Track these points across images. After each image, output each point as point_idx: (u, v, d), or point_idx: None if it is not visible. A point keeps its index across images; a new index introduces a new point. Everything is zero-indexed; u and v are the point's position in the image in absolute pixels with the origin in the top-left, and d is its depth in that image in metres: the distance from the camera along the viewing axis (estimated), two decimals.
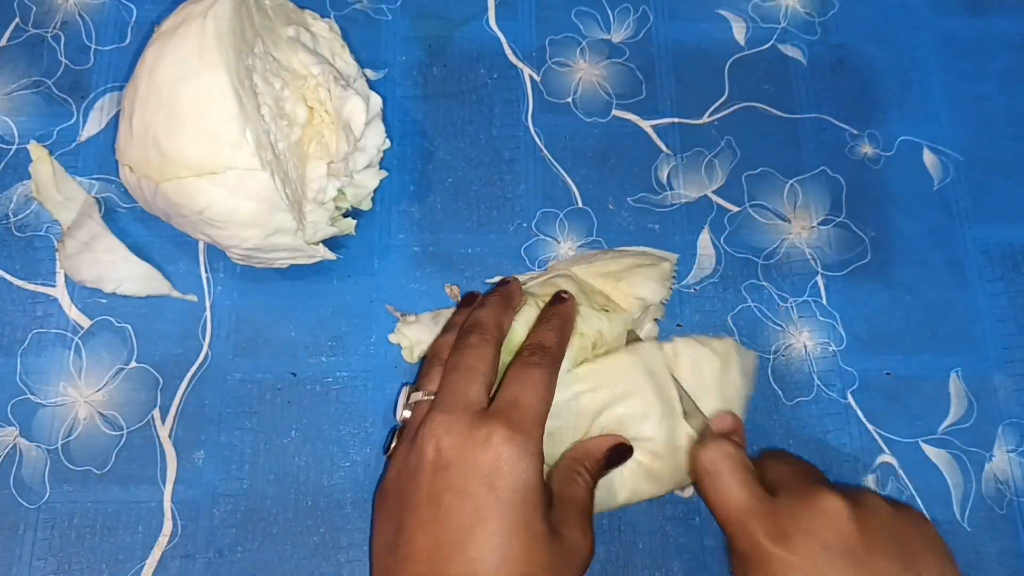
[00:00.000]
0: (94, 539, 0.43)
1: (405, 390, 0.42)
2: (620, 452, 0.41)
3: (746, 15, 0.55)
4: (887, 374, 0.47)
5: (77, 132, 0.50)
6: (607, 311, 0.44)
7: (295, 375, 0.46)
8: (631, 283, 0.45)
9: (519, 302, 0.43)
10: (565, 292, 0.43)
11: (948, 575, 0.36)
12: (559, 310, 0.42)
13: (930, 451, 0.46)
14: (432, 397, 0.39)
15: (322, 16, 0.50)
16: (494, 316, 0.41)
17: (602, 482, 0.41)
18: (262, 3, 0.45)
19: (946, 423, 0.46)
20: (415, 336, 0.46)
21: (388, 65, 0.53)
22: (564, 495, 0.39)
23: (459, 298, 0.47)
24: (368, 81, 0.50)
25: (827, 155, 0.51)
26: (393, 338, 0.46)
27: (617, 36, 0.54)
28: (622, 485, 0.41)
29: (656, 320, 0.47)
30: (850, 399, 0.47)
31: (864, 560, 0.35)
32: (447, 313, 0.46)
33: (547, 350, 0.40)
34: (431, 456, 0.36)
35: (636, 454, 0.41)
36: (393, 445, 0.41)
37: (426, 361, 0.43)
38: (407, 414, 0.40)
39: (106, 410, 0.45)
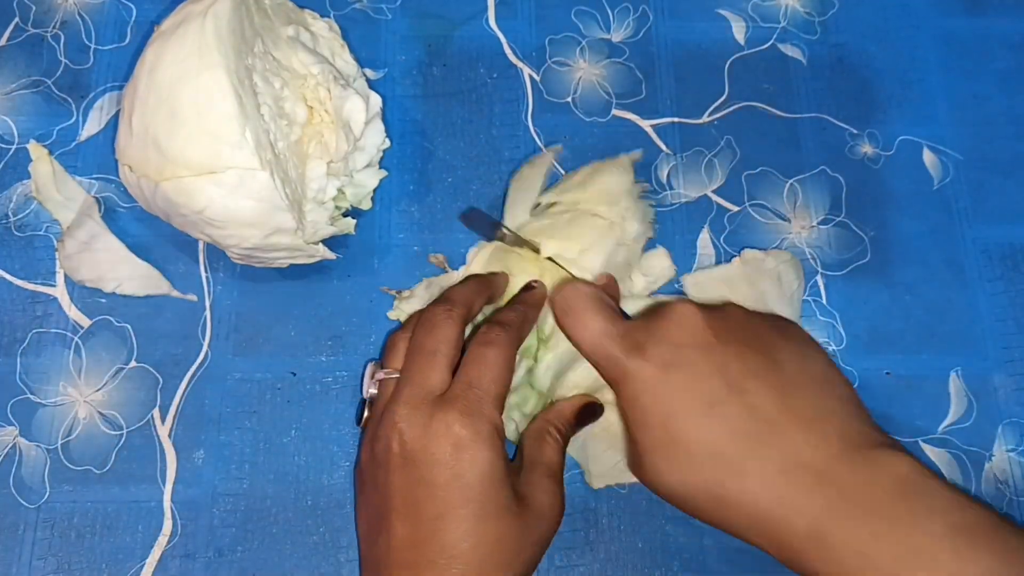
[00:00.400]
0: (94, 539, 0.43)
1: (370, 366, 0.42)
2: (591, 410, 0.43)
3: (746, 15, 0.55)
4: (887, 374, 0.47)
5: (77, 132, 0.50)
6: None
7: (295, 375, 0.46)
8: (596, 184, 0.47)
9: (499, 295, 0.44)
10: (536, 281, 0.44)
11: (809, 356, 0.37)
12: (526, 296, 0.43)
13: (930, 451, 0.46)
14: (397, 375, 0.40)
15: (322, 15, 0.50)
16: (466, 294, 0.42)
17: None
18: (262, 3, 0.45)
19: (946, 423, 0.46)
20: (412, 310, 0.46)
21: (388, 65, 0.53)
22: (535, 458, 0.40)
23: (445, 266, 0.48)
24: (368, 80, 0.50)
25: (827, 155, 0.51)
26: (392, 314, 0.47)
27: (617, 36, 0.54)
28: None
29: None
30: None
31: (717, 348, 0.37)
32: (439, 281, 0.47)
33: (506, 327, 0.40)
34: (396, 449, 0.37)
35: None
36: (365, 416, 0.42)
37: (392, 335, 0.43)
38: (374, 391, 0.41)
39: (106, 410, 0.45)
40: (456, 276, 0.47)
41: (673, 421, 0.36)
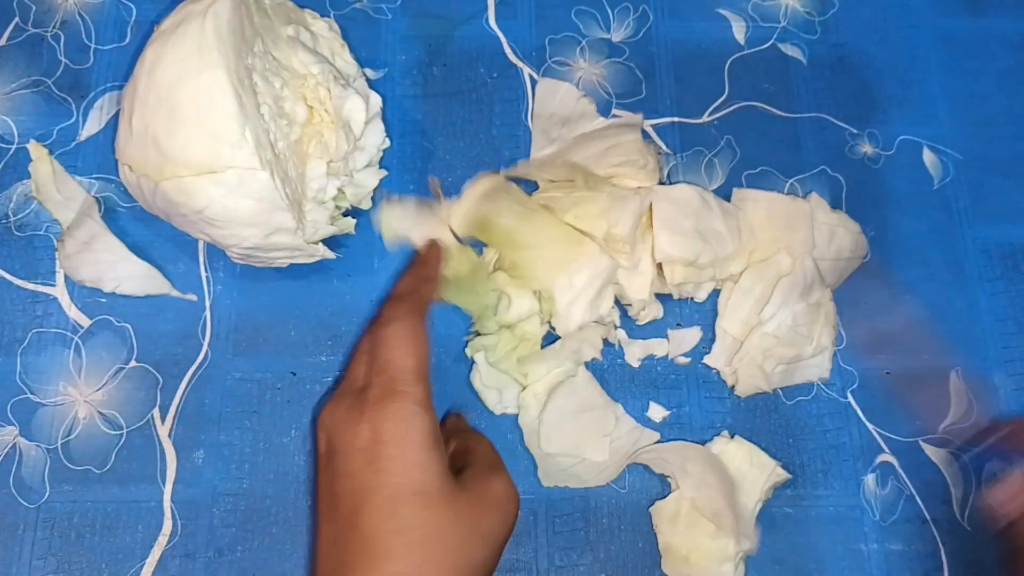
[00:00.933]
0: (94, 539, 0.43)
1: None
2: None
3: (746, 14, 0.55)
4: (887, 373, 0.47)
5: (77, 131, 0.50)
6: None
7: (295, 374, 0.46)
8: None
9: (437, 267, 0.43)
10: (430, 240, 0.44)
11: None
12: (420, 256, 0.43)
13: (930, 450, 0.46)
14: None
15: (322, 15, 0.50)
16: (409, 284, 0.41)
17: None
18: (262, 2, 0.45)
19: (946, 423, 0.46)
20: (393, 219, 0.47)
21: (388, 64, 0.53)
22: (462, 459, 0.38)
23: (439, 191, 0.48)
24: (368, 80, 0.50)
25: (827, 154, 0.51)
26: (375, 218, 0.48)
27: (617, 35, 0.54)
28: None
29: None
30: (850, 398, 0.47)
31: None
32: (430, 204, 0.48)
33: (402, 298, 0.39)
34: (323, 448, 0.36)
35: None
36: None
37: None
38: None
39: (106, 409, 0.45)
40: (447, 204, 0.48)
41: None
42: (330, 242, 0.46)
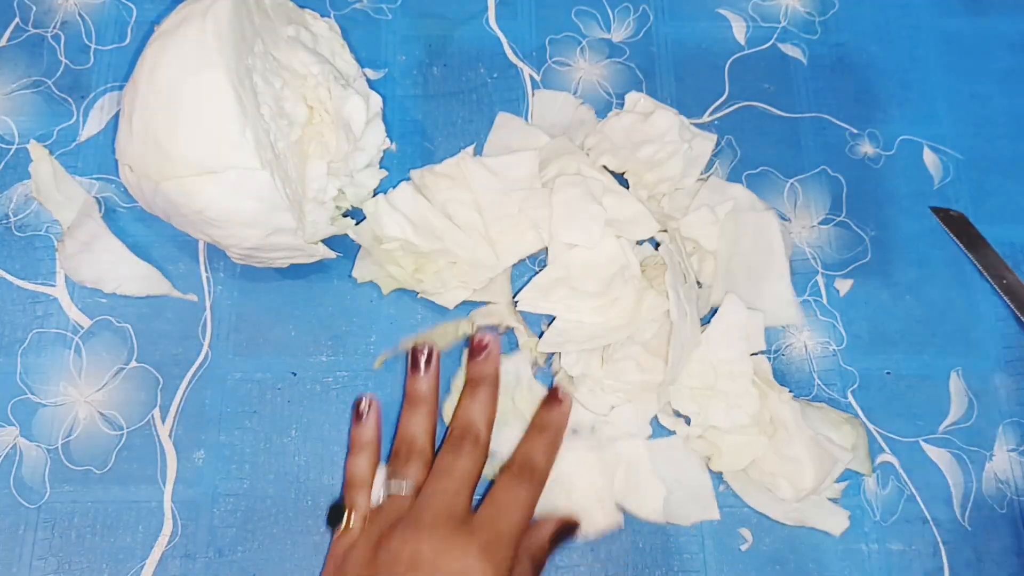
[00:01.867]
0: (94, 539, 0.43)
1: (382, 470, 0.42)
2: (568, 531, 0.43)
3: (746, 14, 0.55)
4: (887, 373, 0.47)
5: (77, 132, 0.50)
6: None
7: (295, 375, 0.46)
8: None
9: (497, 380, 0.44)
10: (563, 392, 0.44)
11: None
12: (554, 419, 0.43)
13: (931, 450, 0.46)
14: (411, 490, 0.40)
15: (322, 15, 0.50)
16: (486, 416, 0.43)
17: None
18: (262, 3, 0.45)
19: (946, 422, 0.46)
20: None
21: (388, 65, 0.53)
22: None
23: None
24: (368, 81, 0.50)
25: (827, 154, 0.51)
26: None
27: (617, 35, 0.54)
28: None
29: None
30: (850, 398, 0.47)
31: None
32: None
33: (535, 471, 0.41)
34: (407, 557, 0.37)
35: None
36: (346, 523, 0.41)
37: (398, 442, 0.43)
38: (381, 495, 0.41)
39: (106, 410, 0.45)
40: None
41: None
42: (330, 242, 0.46)
